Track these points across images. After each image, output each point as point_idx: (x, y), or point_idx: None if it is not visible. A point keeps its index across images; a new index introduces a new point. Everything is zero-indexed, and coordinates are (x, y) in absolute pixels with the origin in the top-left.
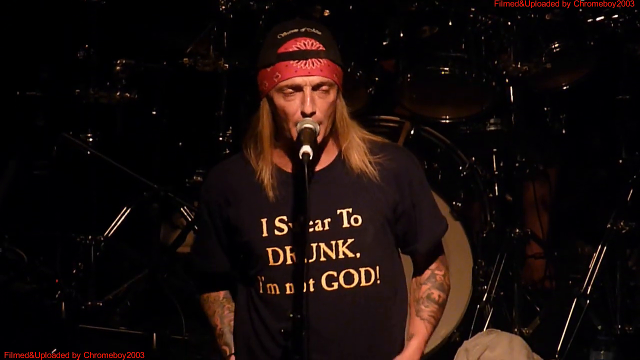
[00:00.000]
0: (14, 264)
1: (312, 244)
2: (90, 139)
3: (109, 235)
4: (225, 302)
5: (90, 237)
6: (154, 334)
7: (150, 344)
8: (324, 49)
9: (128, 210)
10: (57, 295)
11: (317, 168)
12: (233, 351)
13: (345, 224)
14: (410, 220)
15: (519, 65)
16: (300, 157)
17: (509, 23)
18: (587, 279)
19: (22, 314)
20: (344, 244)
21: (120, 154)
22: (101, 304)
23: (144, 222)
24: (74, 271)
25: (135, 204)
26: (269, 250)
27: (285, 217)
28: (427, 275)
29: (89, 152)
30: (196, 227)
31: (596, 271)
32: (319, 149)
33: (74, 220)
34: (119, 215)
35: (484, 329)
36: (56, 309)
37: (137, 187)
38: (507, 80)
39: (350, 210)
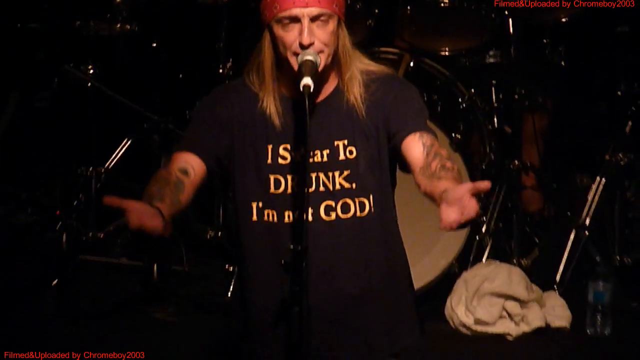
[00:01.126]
0: (15, 196)
1: (311, 174)
2: (91, 71)
3: (110, 167)
4: (177, 185)
5: (91, 169)
6: (154, 265)
7: (151, 275)
8: None
9: (129, 142)
10: (57, 227)
11: (318, 99)
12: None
13: (342, 156)
14: (393, 124)
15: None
16: (301, 89)
17: None
18: (585, 211)
19: (23, 245)
20: (340, 175)
21: (121, 86)
22: (102, 236)
23: (145, 154)
24: (75, 203)
25: (136, 136)
26: (272, 177)
27: (288, 146)
28: (431, 155)
29: (89, 84)
30: (190, 127)
31: (595, 203)
32: (320, 79)
33: (75, 153)
34: (120, 147)
35: (483, 260)
36: (57, 241)
37: (137, 119)
38: (506, 13)
39: (345, 142)
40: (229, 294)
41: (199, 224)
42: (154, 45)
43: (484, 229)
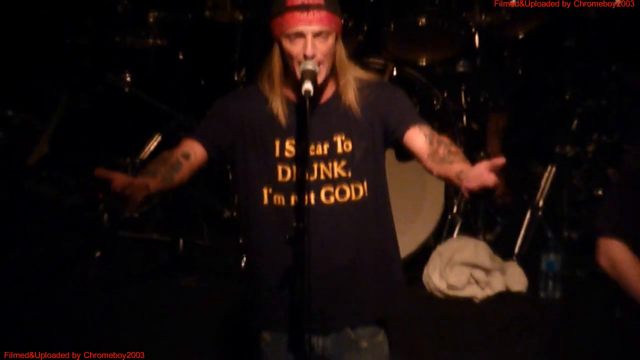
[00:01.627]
0: (65, 182)
1: (313, 164)
2: (128, 78)
3: (144, 157)
4: (174, 165)
5: (128, 159)
6: (181, 240)
7: (177, 247)
8: (323, 2)
9: (159, 137)
10: (100, 208)
11: (319, 102)
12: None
13: (339, 149)
14: (391, 121)
15: (483, 17)
16: (303, 94)
17: None
18: (539, 194)
19: (72, 223)
20: (338, 165)
21: (153, 91)
22: (137, 215)
23: (172, 147)
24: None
25: (165, 131)
26: (280, 167)
27: (293, 141)
28: (435, 143)
29: (126, 89)
30: (203, 121)
31: (547, 188)
32: (320, 87)
33: (114, 146)
34: (151, 141)
35: (454, 236)
36: (99, 219)
37: (166, 117)
38: (473, 30)
39: (343, 137)
40: (243, 264)
41: (218, 205)
42: (180, 57)
43: (455, 210)
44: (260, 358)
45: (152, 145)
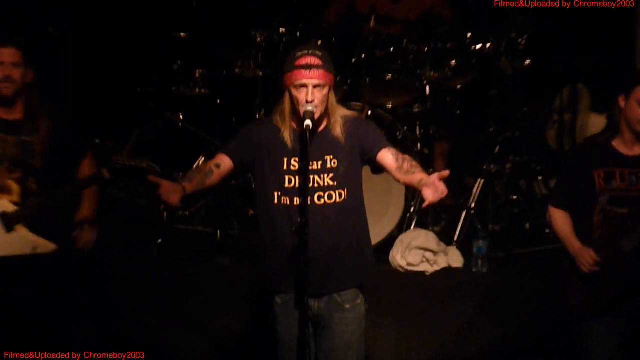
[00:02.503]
0: (135, 189)
1: (310, 176)
2: (181, 116)
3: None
4: (207, 173)
5: (181, 173)
6: (218, 231)
7: (216, 236)
8: (321, 63)
9: (202, 158)
10: (162, 207)
11: (316, 132)
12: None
13: (329, 165)
14: (366, 145)
15: (432, 73)
16: (304, 127)
17: (426, 49)
18: (471, 199)
19: (140, 219)
20: (327, 177)
21: (198, 125)
22: (187, 213)
23: None
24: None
25: (207, 154)
26: (286, 177)
27: (297, 159)
28: (400, 159)
29: (180, 124)
30: (233, 140)
31: (477, 194)
32: (316, 122)
33: (172, 163)
34: (198, 160)
35: (412, 228)
36: (161, 216)
37: (207, 144)
38: (425, 82)
39: (331, 157)
40: (264, 247)
41: (245, 206)
42: (218, 101)
43: (412, 209)
44: (274, 316)
45: (199, 162)
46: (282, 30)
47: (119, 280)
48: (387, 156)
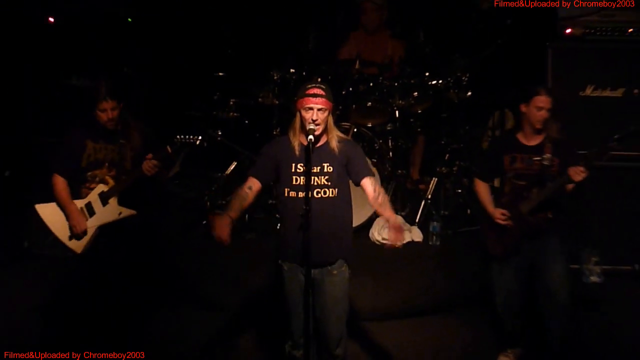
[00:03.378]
0: (188, 185)
1: (312, 177)
2: (219, 133)
3: (227, 173)
4: (244, 197)
5: (219, 174)
6: (246, 215)
7: (244, 218)
8: (324, 93)
9: (235, 163)
10: (205, 199)
11: (317, 146)
12: (226, 213)
13: (325, 170)
14: (353, 169)
15: (400, 102)
16: (308, 141)
17: (396, 84)
18: (429, 192)
19: (190, 207)
20: (324, 178)
21: (232, 139)
22: (224, 202)
23: (242, 169)
24: (213, 188)
25: (238, 160)
26: (294, 177)
27: (302, 164)
28: (377, 191)
29: (219, 138)
30: (257, 159)
31: (432, 188)
32: (318, 138)
33: (213, 166)
34: (231, 166)
35: None
36: (205, 204)
37: (238, 153)
38: (395, 108)
39: (328, 164)
40: (278, 226)
41: (267, 197)
42: (246, 122)
43: None
44: (283, 279)
45: (231, 167)
46: (292, 70)
47: (177, 247)
48: (368, 186)
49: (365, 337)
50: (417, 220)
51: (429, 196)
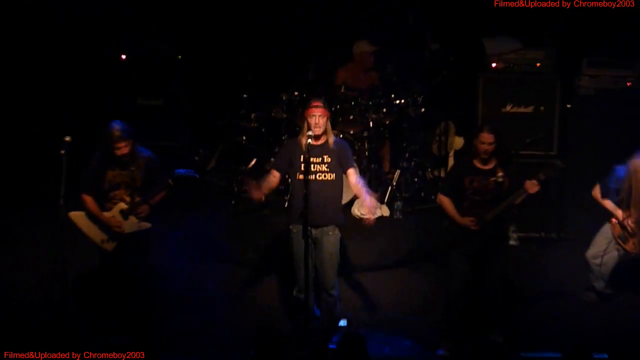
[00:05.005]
0: (221, 176)
1: (314, 166)
2: (244, 138)
3: (249, 167)
4: (269, 182)
5: (243, 167)
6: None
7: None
8: (323, 105)
9: (255, 160)
10: (234, 185)
11: (319, 143)
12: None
13: (325, 160)
14: (342, 162)
15: (373, 116)
16: (307, 136)
17: (370, 103)
18: (394, 180)
19: (223, 192)
20: (324, 166)
21: (253, 142)
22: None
23: (262, 164)
24: (240, 177)
25: (258, 158)
26: (302, 166)
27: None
28: (358, 182)
29: (243, 142)
30: (276, 154)
31: (396, 178)
32: (319, 138)
33: (239, 162)
34: (252, 162)
35: None
36: (233, 189)
37: (258, 153)
38: (370, 120)
39: (327, 156)
40: (286, 204)
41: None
42: (263, 130)
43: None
44: (291, 240)
45: (252, 162)
46: (296, 93)
47: (211, 222)
48: (351, 175)
49: (351, 285)
50: (385, 201)
51: (394, 183)
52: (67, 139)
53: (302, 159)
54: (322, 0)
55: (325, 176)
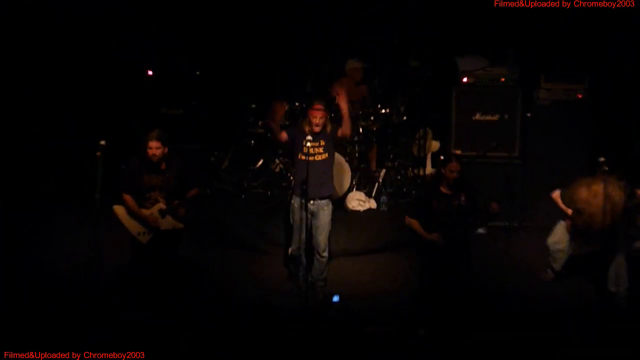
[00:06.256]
0: (232, 174)
1: (313, 149)
2: (252, 142)
3: (257, 166)
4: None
5: (252, 166)
6: (269, 192)
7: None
8: (323, 108)
9: (261, 161)
10: (244, 184)
11: (318, 132)
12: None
13: (322, 143)
14: (332, 133)
15: (363, 123)
16: (308, 132)
17: (360, 112)
18: (380, 177)
19: (235, 185)
20: (320, 148)
21: (261, 145)
22: (255, 184)
23: (268, 164)
24: (248, 175)
25: (264, 158)
26: (303, 147)
27: (309, 140)
28: (338, 130)
29: (252, 145)
30: (288, 129)
31: (382, 175)
32: (319, 129)
33: (248, 162)
34: (259, 162)
35: (353, 191)
36: (244, 184)
37: (264, 154)
38: (359, 126)
39: (323, 141)
40: (291, 179)
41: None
42: (268, 135)
43: (354, 182)
44: (293, 209)
45: (260, 162)
46: (296, 104)
47: (226, 208)
48: (338, 130)
49: (340, 266)
50: (372, 195)
51: (380, 180)
52: (102, 142)
53: (303, 142)
54: (320, 25)
55: (320, 156)
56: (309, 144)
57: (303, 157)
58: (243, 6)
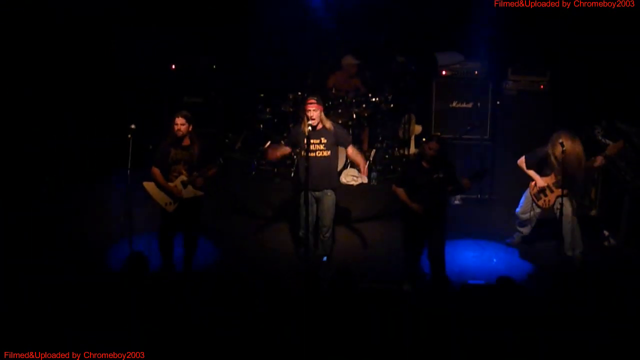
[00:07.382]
0: (243, 152)
1: (314, 145)
2: (261, 126)
3: (265, 147)
4: (283, 151)
5: (260, 147)
6: (276, 169)
7: (273, 172)
8: (316, 101)
9: (269, 142)
10: (255, 162)
11: (318, 129)
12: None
13: (323, 141)
14: (339, 140)
15: (356, 110)
16: (308, 125)
17: (354, 100)
18: (371, 157)
19: (245, 164)
20: (321, 145)
21: (269, 129)
22: (264, 162)
23: (275, 143)
24: (257, 155)
25: (271, 140)
26: (305, 145)
27: (311, 139)
28: (353, 152)
29: (261, 129)
30: (286, 137)
31: (373, 155)
32: (317, 125)
33: (257, 143)
34: (267, 143)
35: (347, 168)
36: (254, 163)
37: (271, 136)
38: (353, 114)
39: (324, 137)
40: (292, 174)
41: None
42: (275, 120)
43: (349, 160)
44: (298, 198)
45: (267, 143)
46: (299, 93)
47: (236, 184)
48: (349, 149)
49: (337, 233)
50: (364, 174)
51: (371, 159)
52: (133, 126)
53: (305, 140)
54: (320, 28)
55: (322, 153)
56: (311, 140)
57: (304, 154)
58: (255, 10)
